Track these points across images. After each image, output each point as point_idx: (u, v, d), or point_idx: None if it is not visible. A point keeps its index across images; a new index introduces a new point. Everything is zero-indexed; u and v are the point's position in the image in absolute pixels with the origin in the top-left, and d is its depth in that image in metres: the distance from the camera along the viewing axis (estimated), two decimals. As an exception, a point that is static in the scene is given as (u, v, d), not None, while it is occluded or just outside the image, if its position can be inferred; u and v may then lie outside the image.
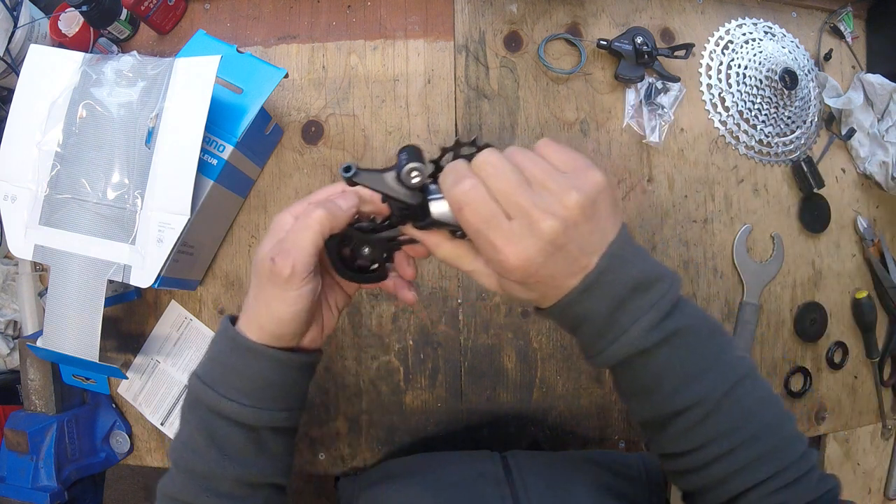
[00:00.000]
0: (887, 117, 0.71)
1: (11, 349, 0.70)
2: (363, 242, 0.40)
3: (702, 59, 0.70)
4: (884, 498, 0.76)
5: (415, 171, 0.35)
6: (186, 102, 0.50)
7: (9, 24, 0.60)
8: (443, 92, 0.67)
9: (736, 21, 0.71)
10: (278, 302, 0.37)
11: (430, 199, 0.36)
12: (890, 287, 0.71)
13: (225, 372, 0.39)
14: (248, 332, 0.39)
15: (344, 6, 0.68)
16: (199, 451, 0.39)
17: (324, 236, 0.36)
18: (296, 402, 0.41)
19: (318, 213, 0.36)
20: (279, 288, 0.36)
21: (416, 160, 0.35)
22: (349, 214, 0.38)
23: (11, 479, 0.57)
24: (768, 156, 0.70)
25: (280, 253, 0.36)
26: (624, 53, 0.66)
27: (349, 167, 0.35)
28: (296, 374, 0.40)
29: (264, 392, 0.39)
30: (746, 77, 0.70)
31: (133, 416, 0.66)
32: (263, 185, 0.66)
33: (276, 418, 0.39)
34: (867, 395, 0.73)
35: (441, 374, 0.65)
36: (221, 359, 0.39)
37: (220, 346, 0.40)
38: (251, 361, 0.38)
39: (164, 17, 0.66)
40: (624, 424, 0.67)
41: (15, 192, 0.51)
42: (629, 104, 0.68)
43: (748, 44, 0.71)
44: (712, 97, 0.70)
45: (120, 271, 0.51)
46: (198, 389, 0.39)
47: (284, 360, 0.39)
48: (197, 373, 0.40)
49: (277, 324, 0.38)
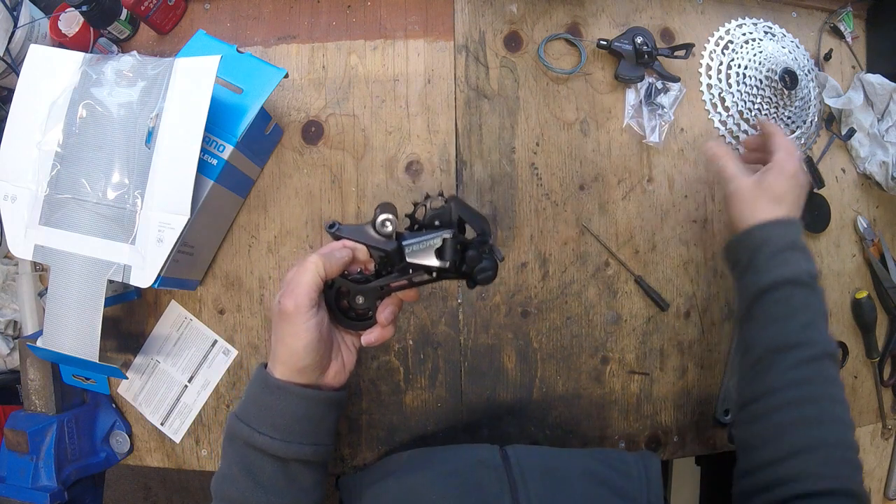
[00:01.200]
0: (887, 117, 0.71)
1: (11, 349, 0.70)
2: (357, 293, 0.46)
3: (702, 59, 0.70)
4: (884, 498, 0.76)
5: (387, 222, 0.43)
6: (186, 102, 0.50)
7: (9, 24, 0.60)
8: (443, 92, 0.67)
9: (736, 21, 0.71)
10: (291, 337, 0.43)
11: (405, 245, 0.43)
12: (890, 287, 0.71)
13: (258, 409, 0.44)
14: (275, 372, 0.44)
15: (344, 6, 0.68)
16: (236, 480, 0.44)
17: (320, 276, 0.43)
18: (324, 437, 0.47)
19: (314, 257, 0.44)
20: (289, 324, 0.43)
21: (388, 212, 0.43)
22: (342, 261, 0.45)
23: (11, 479, 0.57)
24: None
25: (284, 294, 0.43)
26: (624, 53, 0.66)
27: (333, 224, 0.44)
28: (322, 410, 0.46)
29: (293, 427, 0.44)
30: (746, 77, 0.70)
31: (133, 416, 0.66)
32: (263, 185, 0.66)
33: (304, 452, 0.44)
34: (867, 394, 0.73)
35: (441, 374, 0.65)
36: (254, 398, 0.45)
37: (253, 387, 0.46)
38: (279, 398, 0.44)
39: (164, 17, 0.66)
40: (624, 424, 0.67)
41: (15, 192, 0.51)
42: (629, 104, 0.68)
43: (748, 44, 0.71)
44: (712, 97, 0.70)
45: (120, 271, 0.51)
46: (234, 426, 0.45)
47: (308, 395, 0.45)
48: (235, 412, 0.46)
49: (295, 357, 0.43)
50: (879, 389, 0.73)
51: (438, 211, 0.45)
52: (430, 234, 0.44)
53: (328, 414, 0.47)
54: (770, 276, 0.51)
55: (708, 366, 0.68)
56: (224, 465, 0.46)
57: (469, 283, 0.46)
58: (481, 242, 0.45)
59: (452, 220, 0.45)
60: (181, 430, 0.65)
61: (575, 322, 0.66)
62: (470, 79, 0.67)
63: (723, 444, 0.68)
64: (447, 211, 0.45)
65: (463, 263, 0.44)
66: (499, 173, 0.66)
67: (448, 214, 0.45)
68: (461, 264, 0.44)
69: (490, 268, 0.44)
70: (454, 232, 0.44)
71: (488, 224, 0.47)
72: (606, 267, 0.67)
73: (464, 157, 0.66)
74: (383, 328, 0.47)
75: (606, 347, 0.67)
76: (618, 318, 0.67)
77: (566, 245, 0.67)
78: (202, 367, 0.66)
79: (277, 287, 0.65)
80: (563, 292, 0.66)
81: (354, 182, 0.66)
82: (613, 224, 0.67)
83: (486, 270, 0.44)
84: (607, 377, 0.67)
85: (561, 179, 0.67)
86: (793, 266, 0.51)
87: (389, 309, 0.47)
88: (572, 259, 0.67)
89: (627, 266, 0.67)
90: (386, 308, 0.47)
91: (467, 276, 0.45)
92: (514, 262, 0.66)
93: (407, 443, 0.65)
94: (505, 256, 0.62)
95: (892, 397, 0.74)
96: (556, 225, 0.67)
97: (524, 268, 0.66)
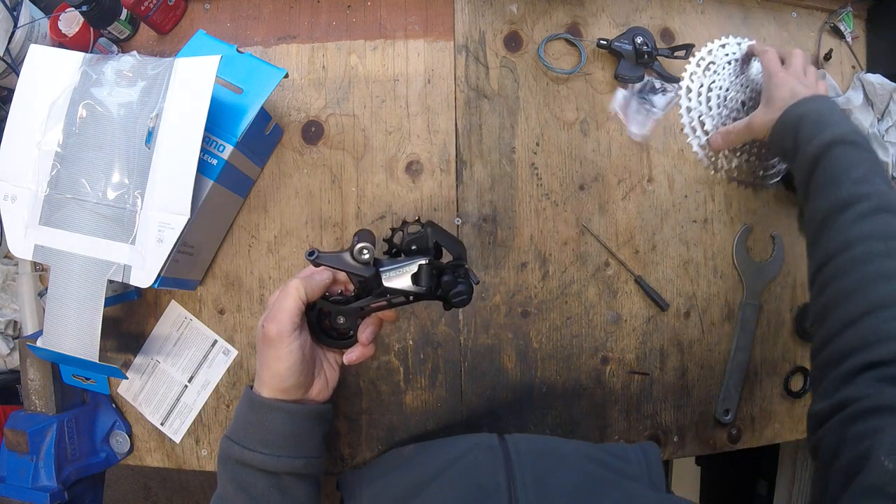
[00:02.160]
0: (887, 117, 0.71)
1: (11, 349, 0.70)
2: (338, 313, 0.48)
3: (682, 80, 0.69)
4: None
5: (364, 249, 0.45)
6: (186, 102, 0.50)
7: (9, 24, 0.60)
8: (443, 92, 0.67)
9: (719, 41, 0.70)
10: (274, 360, 0.45)
11: (382, 271, 0.45)
12: (890, 287, 0.71)
13: (247, 428, 0.46)
14: (261, 392, 0.47)
15: (344, 6, 0.68)
16: (230, 499, 0.46)
17: (302, 300, 0.45)
18: (313, 450, 0.48)
19: (295, 282, 0.46)
20: (272, 348, 0.45)
21: (366, 240, 0.45)
22: (322, 284, 0.47)
23: (11, 479, 0.57)
24: (751, 179, 0.69)
25: (267, 319, 0.45)
26: (624, 53, 0.66)
27: (312, 251, 0.45)
28: (308, 424, 0.48)
29: (280, 441, 0.46)
30: (727, 100, 0.69)
31: (133, 416, 0.66)
32: (263, 185, 0.66)
33: (295, 465, 0.46)
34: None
35: (441, 374, 0.65)
36: (243, 417, 0.47)
37: (241, 408, 0.48)
38: (266, 415, 0.46)
39: (164, 17, 0.66)
40: (624, 424, 0.67)
41: (15, 192, 0.51)
42: (621, 94, 0.68)
43: (731, 64, 0.69)
44: (691, 120, 0.69)
45: (120, 271, 0.51)
46: (226, 446, 0.47)
47: (293, 410, 0.47)
48: (227, 434, 0.47)
49: (278, 379, 0.46)
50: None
51: (415, 235, 0.47)
52: (406, 260, 0.46)
53: (314, 427, 0.49)
54: (819, 141, 0.52)
55: (708, 366, 0.68)
56: (220, 487, 0.47)
57: (445, 305, 0.48)
58: (457, 266, 0.48)
59: (429, 245, 0.47)
60: (181, 430, 0.66)
61: (575, 322, 0.66)
62: (470, 79, 0.67)
63: (723, 444, 0.68)
64: (424, 236, 0.47)
65: (439, 288, 0.46)
66: (499, 173, 0.66)
67: (425, 240, 0.47)
68: (437, 289, 0.46)
69: (465, 292, 0.46)
70: (430, 258, 0.46)
71: (464, 249, 0.50)
72: (606, 267, 0.67)
73: (464, 157, 0.66)
74: (364, 347, 0.49)
75: (606, 347, 0.67)
76: (618, 318, 0.67)
77: (566, 245, 0.67)
78: (202, 367, 0.66)
79: (278, 287, 0.65)
80: (563, 292, 0.66)
81: (354, 182, 0.66)
82: (613, 224, 0.67)
83: (462, 294, 0.46)
84: (607, 377, 0.67)
85: (561, 179, 0.67)
86: (835, 128, 0.52)
87: (370, 329, 0.49)
88: (572, 259, 0.67)
89: (627, 266, 0.67)
90: (367, 328, 0.49)
91: (443, 300, 0.47)
92: (514, 262, 0.66)
93: (407, 442, 0.65)
94: (480, 280, 0.61)
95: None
96: (556, 225, 0.67)
97: (524, 268, 0.66)
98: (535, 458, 0.48)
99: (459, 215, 0.66)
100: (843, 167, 0.50)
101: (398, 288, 0.46)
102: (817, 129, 0.53)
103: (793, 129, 0.55)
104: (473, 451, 0.49)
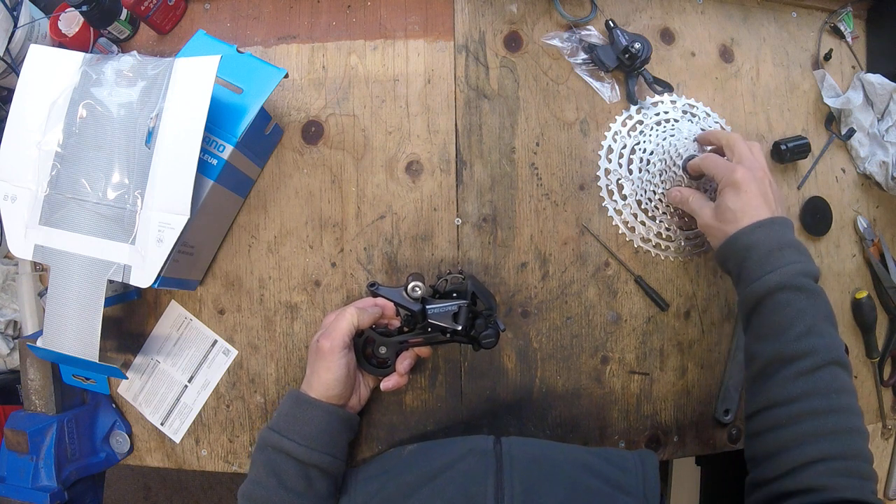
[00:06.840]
0: (887, 117, 0.71)
1: (11, 349, 0.70)
2: (382, 343, 0.57)
3: (604, 140, 0.66)
4: (884, 498, 0.76)
5: (416, 287, 0.54)
6: (186, 102, 0.50)
7: (9, 24, 0.60)
8: (443, 92, 0.67)
9: (652, 99, 0.67)
10: (324, 371, 0.53)
11: (428, 308, 0.55)
12: (890, 287, 0.71)
13: (288, 420, 0.53)
14: (309, 393, 0.54)
15: (344, 6, 0.68)
16: (262, 482, 0.51)
17: (354, 325, 0.54)
18: (339, 452, 0.54)
19: (351, 309, 0.55)
20: (324, 360, 0.53)
21: (418, 280, 0.54)
22: (374, 315, 0.56)
23: (11, 479, 0.57)
24: (667, 250, 0.66)
25: (323, 336, 0.54)
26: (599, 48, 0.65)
27: (373, 283, 0.56)
28: (340, 426, 0.55)
29: (316, 436, 0.52)
30: (650, 163, 0.65)
31: (133, 416, 0.66)
32: (263, 185, 0.66)
33: (323, 460, 0.52)
34: (867, 395, 0.73)
35: (441, 374, 0.65)
36: (286, 411, 0.54)
37: (286, 404, 0.54)
38: (308, 411, 0.53)
39: (164, 17, 0.66)
40: (624, 424, 0.67)
41: (15, 192, 0.51)
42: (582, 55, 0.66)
43: (660, 125, 0.66)
44: (609, 183, 0.66)
45: (120, 271, 0.51)
46: (266, 435, 0.53)
47: (332, 410, 0.54)
48: (268, 426, 0.54)
49: (325, 387, 0.53)
50: (879, 389, 0.73)
51: (456, 285, 0.59)
52: (449, 302, 0.55)
53: (344, 431, 0.55)
54: (761, 284, 0.49)
55: (708, 366, 0.68)
56: (252, 472, 0.53)
57: (475, 345, 0.56)
58: (488, 315, 0.56)
59: (468, 292, 0.56)
60: (181, 430, 0.66)
61: (575, 322, 0.66)
62: (470, 79, 0.67)
63: (723, 444, 0.68)
64: (464, 285, 0.58)
65: (472, 329, 0.55)
66: (499, 173, 0.66)
67: (465, 288, 0.57)
68: (471, 329, 0.55)
69: (494, 335, 0.55)
70: (469, 302, 0.55)
71: (495, 300, 0.60)
72: (606, 267, 0.67)
73: (464, 157, 0.66)
74: (400, 377, 0.57)
75: (606, 347, 0.67)
76: (618, 318, 0.67)
77: (566, 245, 0.67)
78: (202, 367, 0.66)
79: (278, 287, 0.65)
80: (563, 292, 0.66)
81: (354, 182, 0.66)
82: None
83: (490, 337, 0.55)
84: (607, 377, 0.67)
85: (561, 179, 0.67)
86: (782, 269, 0.49)
87: (407, 361, 0.57)
88: (572, 259, 0.67)
89: (627, 266, 0.67)
90: (405, 360, 0.57)
91: (474, 340, 0.55)
92: (514, 262, 0.66)
93: (406, 443, 0.65)
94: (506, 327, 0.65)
95: (892, 397, 0.74)
96: (556, 225, 0.67)
97: (524, 268, 0.66)
98: (527, 466, 0.49)
99: (459, 215, 0.66)
100: (788, 318, 0.48)
101: (439, 324, 0.54)
102: (764, 268, 0.50)
103: (738, 257, 0.52)
104: (467, 458, 0.50)
